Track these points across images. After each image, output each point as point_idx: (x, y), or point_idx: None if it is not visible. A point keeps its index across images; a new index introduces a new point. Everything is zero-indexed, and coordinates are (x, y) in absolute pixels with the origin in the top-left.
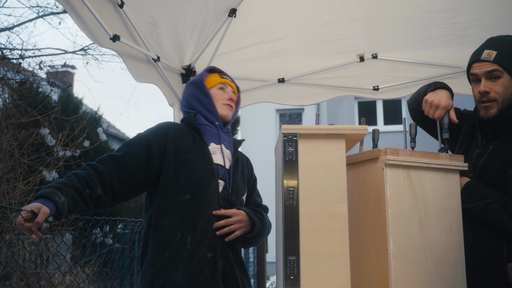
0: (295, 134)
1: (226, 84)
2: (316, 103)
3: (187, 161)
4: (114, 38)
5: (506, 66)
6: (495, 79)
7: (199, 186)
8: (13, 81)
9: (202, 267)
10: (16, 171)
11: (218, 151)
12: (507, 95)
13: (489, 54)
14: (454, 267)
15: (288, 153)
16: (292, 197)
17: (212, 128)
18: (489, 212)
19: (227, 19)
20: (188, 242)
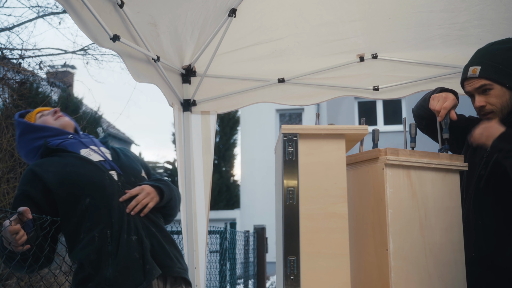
0: (295, 134)
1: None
2: (316, 103)
3: (68, 174)
4: (114, 38)
5: (493, 77)
6: (487, 92)
7: (94, 185)
8: (13, 81)
9: (130, 252)
10: (16, 171)
11: (90, 152)
12: (504, 102)
13: (474, 71)
14: (454, 267)
15: (288, 153)
16: (292, 197)
17: (70, 140)
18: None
19: (227, 19)
20: (108, 236)
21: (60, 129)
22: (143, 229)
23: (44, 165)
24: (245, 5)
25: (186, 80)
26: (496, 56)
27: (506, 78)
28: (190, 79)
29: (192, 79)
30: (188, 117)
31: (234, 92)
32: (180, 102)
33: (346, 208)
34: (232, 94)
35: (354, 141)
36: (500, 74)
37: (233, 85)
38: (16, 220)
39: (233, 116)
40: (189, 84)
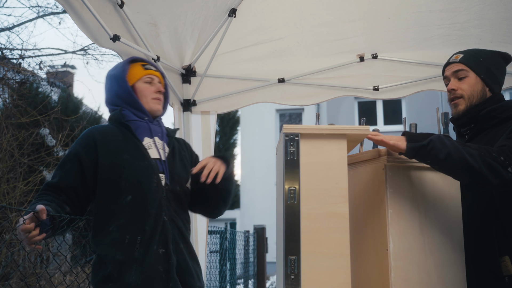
0: (297, 134)
1: (151, 76)
2: (316, 103)
3: (123, 162)
4: (114, 38)
5: (472, 65)
6: (462, 78)
7: (140, 185)
8: (13, 81)
9: (155, 264)
10: (16, 171)
11: (152, 145)
12: (474, 92)
13: (457, 57)
14: (454, 267)
15: (290, 153)
16: (293, 197)
17: (142, 122)
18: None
19: (227, 19)
20: (138, 242)
21: (145, 110)
22: (172, 244)
23: (107, 137)
24: (245, 5)
25: (186, 80)
26: (481, 52)
27: (482, 70)
28: (190, 79)
29: (192, 79)
30: (188, 117)
31: (234, 92)
32: (180, 102)
33: (347, 208)
34: (232, 94)
35: (355, 141)
36: (479, 65)
37: (233, 85)
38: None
39: (233, 116)
40: (189, 84)
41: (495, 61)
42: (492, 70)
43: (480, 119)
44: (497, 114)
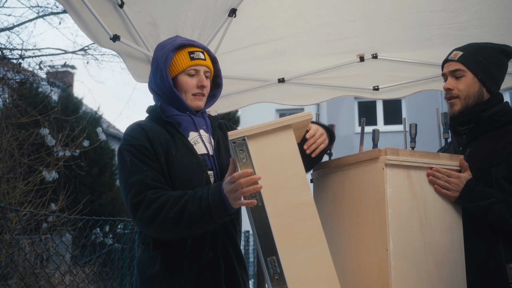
0: (243, 138)
1: (197, 67)
2: (316, 103)
3: (173, 159)
4: (114, 38)
5: (469, 65)
6: (459, 78)
7: (190, 183)
8: (13, 81)
9: (203, 269)
10: (16, 171)
11: (198, 139)
12: (470, 93)
13: (455, 54)
14: (454, 267)
15: (241, 159)
16: (256, 199)
17: (184, 116)
18: (492, 211)
19: (227, 19)
20: (188, 245)
21: (187, 105)
22: (221, 248)
23: (155, 132)
24: (245, 5)
25: None
26: (481, 49)
27: (480, 70)
28: None
29: None
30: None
31: (234, 92)
32: None
33: (311, 195)
34: (232, 94)
35: (302, 128)
36: (477, 65)
37: (233, 85)
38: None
39: (233, 116)
40: None
41: (495, 59)
42: (491, 70)
43: (483, 122)
44: (499, 117)
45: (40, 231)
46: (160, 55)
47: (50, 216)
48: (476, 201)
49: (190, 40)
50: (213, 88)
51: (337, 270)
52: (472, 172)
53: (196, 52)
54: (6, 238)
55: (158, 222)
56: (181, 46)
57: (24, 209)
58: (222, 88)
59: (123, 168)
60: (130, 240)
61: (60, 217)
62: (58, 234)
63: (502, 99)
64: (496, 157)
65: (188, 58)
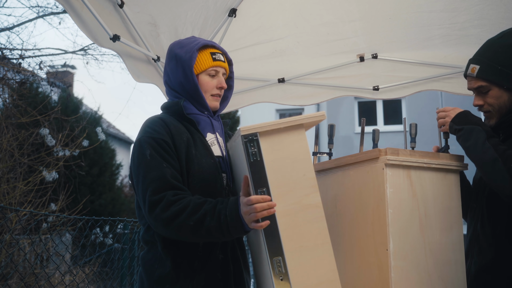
0: (255, 134)
1: (218, 68)
2: (316, 103)
3: (193, 157)
4: (114, 38)
5: (490, 78)
6: (485, 93)
7: (207, 184)
8: (13, 81)
9: (214, 270)
10: (16, 171)
11: (215, 141)
12: (501, 104)
13: (473, 70)
14: (454, 267)
15: (252, 155)
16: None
17: (203, 116)
18: (471, 137)
19: (227, 19)
20: (200, 246)
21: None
22: (231, 250)
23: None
24: (245, 5)
25: None
26: (497, 54)
27: (504, 80)
28: None
29: None
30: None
31: (234, 92)
32: None
33: (319, 197)
34: (232, 94)
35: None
36: (499, 75)
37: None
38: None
39: (233, 116)
40: None
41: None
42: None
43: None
44: None
45: (40, 231)
46: (183, 53)
47: (50, 216)
48: (462, 124)
49: (211, 42)
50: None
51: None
52: None
53: (217, 53)
54: (6, 238)
55: (176, 226)
56: (204, 46)
57: (24, 209)
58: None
59: (141, 161)
60: (130, 240)
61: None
62: (58, 234)
63: None
64: None
65: (210, 58)
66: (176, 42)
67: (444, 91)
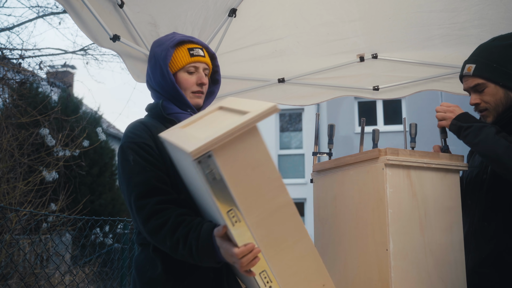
0: (209, 154)
1: (197, 64)
2: (316, 103)
3: None
4: (114, 38)
5: (486, 76)
6: (481, 90)
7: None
8: (13, 81)
9: (207, 270)
10: (16, 171)
11: None
12: (497, 101)
13: (469, 69)
14: (454, 267)
15: (210, 175)
16: (235, 216)
17: (185, 114)
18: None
19: (227, 19)
20: None
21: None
22: None
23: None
24: (245, 5)
25: None
26: (492, 53)
27: (499, 77)
28: None
29: None
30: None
31: (234, 92)
32: None
33: (287, 195)
34: (232, 94)
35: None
36: (494, 73)
37: (233, 85)
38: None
39: None
40: None
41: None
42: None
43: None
44: None
45: (40, 231)
46: (159, 52)
47: (50, 216)
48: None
49: (189, 37)
50: (211, 85)
51: (337, 270)
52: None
53: (196, 48)
54: (6, 238)
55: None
56: (180, 43)
57: (24, 209)
58: (220, 85)
59: (125, 167)
60: (130, 240)
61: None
62: (58, 234)
63: None
64: None
65: (187, 54)
66: (156, 40)
67: (444, 91)
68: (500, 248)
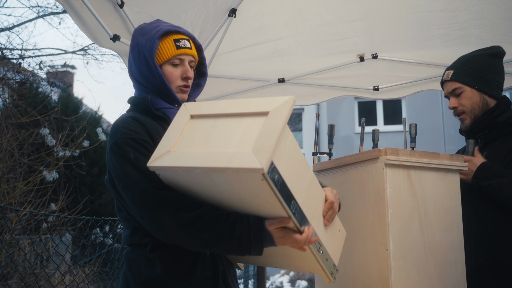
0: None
1: (182, 56)
2: (316, 103)
3: None
4: (114, 38)
5: (463, 80)
6: (459, 95)
7: None
8: (13, 81)
9: (204, 269)
10: (16, 171)
11: None
12: (474, 104)
13: (448, 74)
14: (454, 267)
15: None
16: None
17: (174, 109)
18: (503, 190)
19: (227, 19)
20: None
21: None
22: None
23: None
24: (245, 5)
25: None
26: (469, 61)
27: (475, 81)
28: None
29: None
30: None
31: (234, 92)
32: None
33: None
34: (232, 94)
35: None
36: (470, 77)
37: (233, 85)
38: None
39: None
40: None
41: (487, 65)
42: (484, 76)
43: (499, 126)
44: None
45: (40, 231)
46: (144, 42)
47: (50, 216)
48: (488, 179)
49: (175, 26)
50: (197, 77)
51: None
52: None
53: (182, 40)
54: (6, 238)
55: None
56: (166, 33)
57: (24, 209)
58: (207, 77)
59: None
60: None
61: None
62: (58, 234)
63: (510, 103)
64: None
65: (173, 46)
66: (139, 28)
67: None
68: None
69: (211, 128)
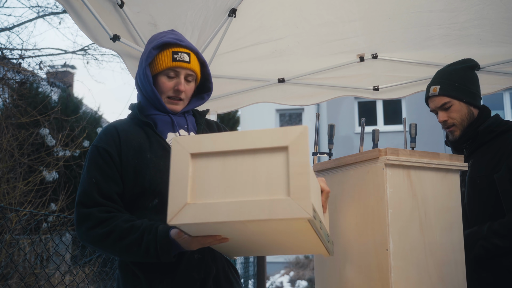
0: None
1: (178, 69)
2: (316, 103)
3: (147, 161)
4: (114, 38)
5: (451, 94)
6: (448, 108)
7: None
8: (13, 81)
9: (189, 270)
10: (16, 171)
11: None
12: (463, 116)
13: (434, 90)
14: (454, 267)
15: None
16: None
17: (163, 116)
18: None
19: (227, 19)
20: None
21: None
22: (208, 249)
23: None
24: (245, 5)
25: None
26: (452, 75)
27: (463, 94)
28: None
29: None
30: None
31: (234, 92)
32: None
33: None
34: (232, 94)
35: None
36: (457, 91)
37: (233, 85)
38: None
39: (233, 116)
40: None
41: (468, 78)
42: (468, 89)
43: (480, 135)
44: (493, 128)
45: (40, 231)
46: (144, 50)
47: (50, 216)
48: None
49: (178, 39)
50: (202, 91)
51: (337, 270)
52: (477, 180)
53: (181, 53)
54: (6, 238)
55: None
56: (167, 44)
57: (24, 209)
58: (212, 92)
59: (84, 167)
60: None
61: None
62: (58, 234)
63: (489, 111)
64: (497, 164)
65: (170, 58)
66: (153, 36)
67: None
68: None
69: (223, 169)
